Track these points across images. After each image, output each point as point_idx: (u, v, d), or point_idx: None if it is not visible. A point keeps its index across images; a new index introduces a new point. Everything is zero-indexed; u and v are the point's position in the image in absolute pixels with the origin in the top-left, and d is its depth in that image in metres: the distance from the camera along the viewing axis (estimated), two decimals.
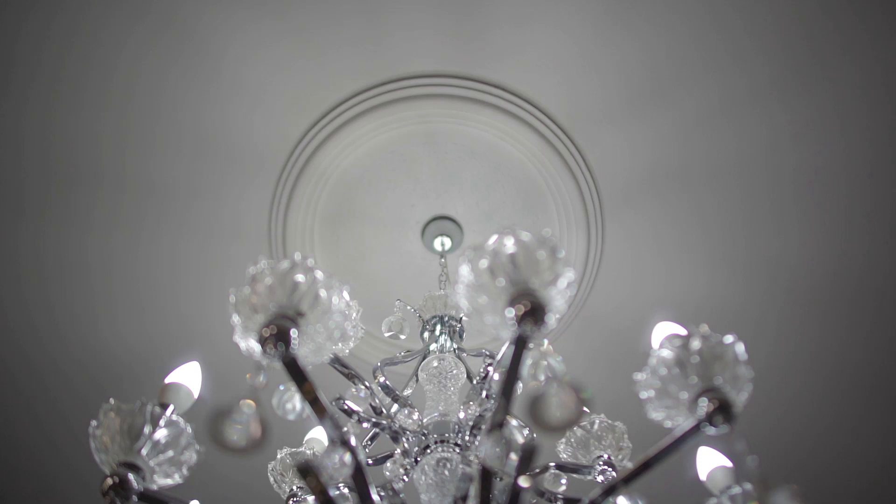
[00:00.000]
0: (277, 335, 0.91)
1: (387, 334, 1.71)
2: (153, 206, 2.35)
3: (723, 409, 0.99)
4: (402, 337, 1.71)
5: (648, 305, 2.53)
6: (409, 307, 1.79)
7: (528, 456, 0.85)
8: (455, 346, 1.74)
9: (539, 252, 0.95)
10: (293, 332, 0.93)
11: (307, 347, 0.98)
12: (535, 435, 1.14)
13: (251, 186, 2.35)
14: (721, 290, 2.52)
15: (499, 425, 0.96)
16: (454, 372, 1.63)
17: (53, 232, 2.35)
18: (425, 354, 1.71)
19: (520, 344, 0.92)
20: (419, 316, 1.80)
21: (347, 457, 0.90)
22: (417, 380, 1.68)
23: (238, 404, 0.73)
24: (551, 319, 0.92)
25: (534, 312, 0.89)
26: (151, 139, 2.22)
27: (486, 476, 1.00)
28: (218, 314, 2.54)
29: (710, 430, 1.00)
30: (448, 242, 2.39)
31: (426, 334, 1.80)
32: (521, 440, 0.90)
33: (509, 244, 0.96)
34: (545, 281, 0.93)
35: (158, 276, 2.48)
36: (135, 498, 1.05)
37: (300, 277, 0.98)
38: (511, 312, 0.91)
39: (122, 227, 2.37)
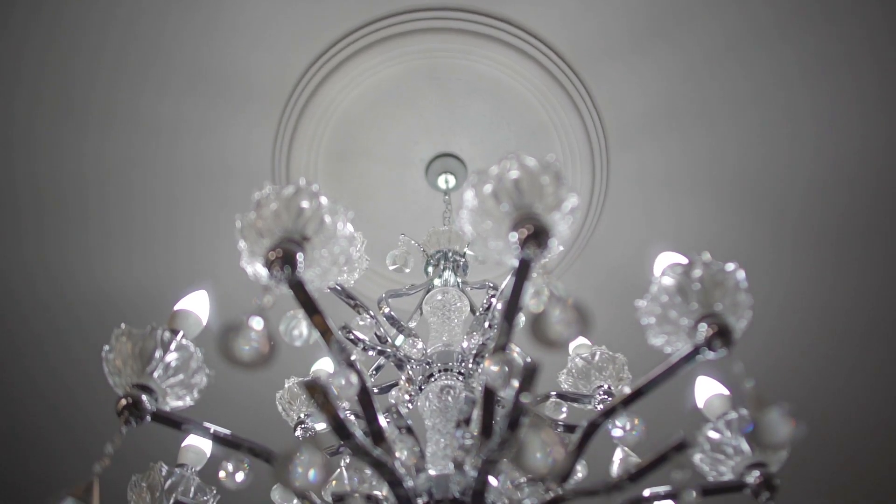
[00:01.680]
0: (283, 258, 0.92)
1: (391, 268, 1.73)
2: (157, 144, 2.34)
3: (722, 334, 1.00)
4: (407, 270, 1.72)
5: (652, 244, 2.54)
6: (413, 242, 1.80)
7: (529, 375, 0.87)
8: (459, 280, 1.76)
9: (543, 177, 0.95)
10: (299, 256, 0.94)
11: (313, 272, 0.99)
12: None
13: (254, 124, 2.33)
14: (725, 229, 2.52)
15: (501, 348, 0.98)
16: (458, 305, 1.65)
17: (52, 168, 2.35)
18: (429, 288, 1.73)
19: (523, 267, 0.93)
20: (423, 251, 1.81)
21: (353, 377, 0.93)
22: (422, 313, 1.70)
23: (246, 319, 0.74)
24: (554, 244, 0.93)
25: (537, 236, 0.89)
26: (154, 77, 2.20)
27: (489, 399, 1.03)
28: (223, 253, 2.56)
29: (709, 355, 1.02)
30: (452, 180, 2.39)
31: (430, 269, 1.82)
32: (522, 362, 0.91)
33: (513, 169, 0.96)
34: (549, 205, 0.94)
35: (162, 215, 2.49)
36: (148, 418, 1.08)
37: (305, 203, 0.99)
38: (514, 237, 0.92)
39: (126, 164, 2.37)
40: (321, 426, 1.48)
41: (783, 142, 2.35)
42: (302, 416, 1.57)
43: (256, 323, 0.75)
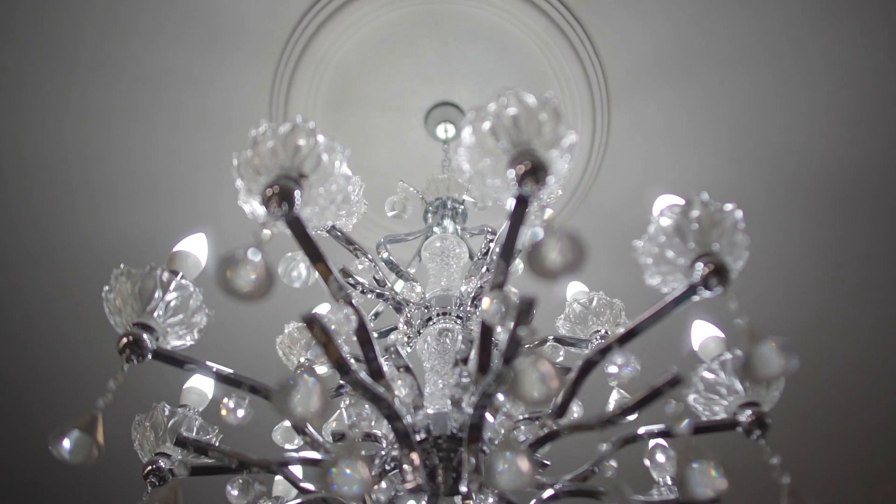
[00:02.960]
0: (280, 195, 0.91)
1: (390, 214, 1.73)
2: (153, 94, 2.31)
3: (718, 273, 1.01)
4: (405, 216, 1.72)
5: (653, 195, 2.53)
6: (411, 189, 1.80)
7: (526, 309, 0.88)
8: (458, 227, 1.76)
9: (541, 114, 0.95)
10: (296, 193, 0.93)
11: (310, 210, 0.99)
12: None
13: (251, 73, 2.30)
14: (726, 180, 2.51)
15: (499, 286, 0.99)
16: (457, 251, 1.65)
17: (53, 122, 2.33)
18: (428, 235, 1.73)
19: (520, 204, 0.93)
20: (422, 198, 1.81)
21: (351, 313, 0.93)
22: (420, 259, 1.71)
23: (244, 251, 0.75)
24: (552, 181, 0.93)
25: (535, 172, 0.89)
26: (149, 25, 2.16)
27: (486, 336, 1.04)
28: (221, 203, 2.55)
29: (705, 294, 1.03)
30: (451, 129, 2.36)
31: (429, 217, 1.82)
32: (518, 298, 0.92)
33: (511, 106, 0.95)
34: (547, 142, 0.93)
35: (158, 165, 2.47)
36: (149, 356, 1.09)
37: (302, 141, 0.98)
38: (512, 174, 0.92)
39: (122, 115, 2.34)
40: (322, 369, 1.50)
41: (793, 92, 2.32)
42: (302, 360, 1.59)
43: (254, 254, 0.75)
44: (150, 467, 1.29)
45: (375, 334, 1.56)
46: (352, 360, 1.37)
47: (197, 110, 2.36)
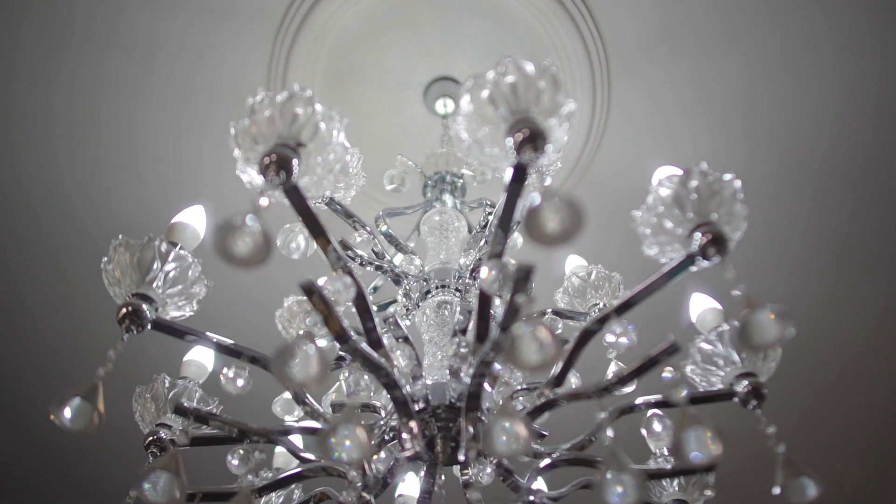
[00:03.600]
0: (278, 162, 0.91)
1: (388, 187, 1.72)
2: (150, 67, 2.29)
3: (716, 242, 1.01)
4: (404, 190, 1.72)
5: (654, 170, 2.52)
6: (410, 162, 1.79)
7: (524, 276, 0.88)
8: (457, 201, 1.76)
9: (540, 82, 0.94)
10: (294, 161, 0.93)
11: (308, 179, 0.98)
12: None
13: (249, 46, 2.28)
14: (729, 156, 2.50)
15: (497, 255, 0.99)
16: (456, 224, 1.65)
17: (47, 92, 2.32)
18: (426, 209, 1.73)
19: (519, 172, 0.93)
20: (421, 172, 1.80)
21: (349, 281, 0.93)
22: (419, 233, 1.71)
23: (242, 218, 0.75)
24: (551, 149, 0.93)
25: (533, 140, 0.89)
26: None
27: (484, 305, 1.04)
28: (218, 177, 2.54)
29: (703, 263, 1.03)
30: (450, 104, 2.35)
31: (428, 191, 1.81)
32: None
33: (510, 74, 0.94)
34: (545, 110, 0.93)
35: (156, 138, 2.46)
36: (149, 326, 1.09)
37: (299, 109, 0.98)
38: (510, 142, 0.91)
39: (120, 88, 2.33)
40: (321, 342, 1.51)
41: (800, 69, 2.30)
42: (301, 332, 1.59)
43: (252, 221, 0.75)
44: (151, 438, 1.31)
45: (375, 307, 1.57)
46: (351, 331, 1.38)
47: (188, 83, 2.34)
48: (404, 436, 1.06)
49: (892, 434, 3.30)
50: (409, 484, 1.59)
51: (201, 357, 1.48)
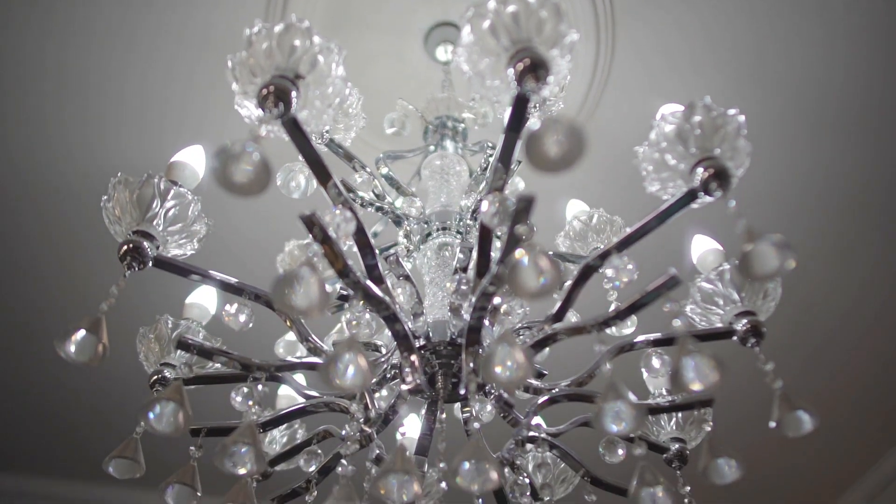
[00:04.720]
0: (276, 94, 0.90)
1: (389, 131, 1.71)
2: (146, 16, 2.25)
3: (718, 177, 1.00)
4: (405, 133, 1.70)
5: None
6: (410, 106, 1.77)
7: (524, 206, 0.87)
8: (458, 146, 1.75)
9: (542, 11, 0.92)
10: (293, 93, 0.92)
11: (307, 113, 0.97)
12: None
13: None
14: (737, 103, 2.46)
15: (498, 189, 0.99)
16: (457, 168, 1.64)
17: (36, 44, 2.28)
18: (427, 154, 1.72)
19: (520, 103, 0.92)
20: (422, 116, 1.78)
21: (349, 214, 0.93)
22: (420, 178, 1.70)
23: (241, 144, 0.74)
24: (552, 80, 0.91)
25: (535, 69, 0.87)
26: None
27: (485, 238, 1.04)
28: (218, 128, 2.52)
29: (705, 199, 1.02)
30: (451, 50, 2.31)
31: (429, 136, 1.80)
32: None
33: (511, 3, 0.92)
34: (547, 40, 0.91)
35: (155, 89, 2.43)
36: (150, 263, 1.10)
37: (297, 41, 0.96)
38: (512, 72, 0.90)
39: (116, 39, 2.29)
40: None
41: (808, 18, 2.25)
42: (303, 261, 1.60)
43: (251, 147, 0.74)
44: (155, 377, 1.32)
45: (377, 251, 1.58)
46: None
47: (180, 29, 2.30)
48: (405, 370, 1.07)
49: None
50: (411, 424, 1.61)
51: (203, 299, 1.49)
